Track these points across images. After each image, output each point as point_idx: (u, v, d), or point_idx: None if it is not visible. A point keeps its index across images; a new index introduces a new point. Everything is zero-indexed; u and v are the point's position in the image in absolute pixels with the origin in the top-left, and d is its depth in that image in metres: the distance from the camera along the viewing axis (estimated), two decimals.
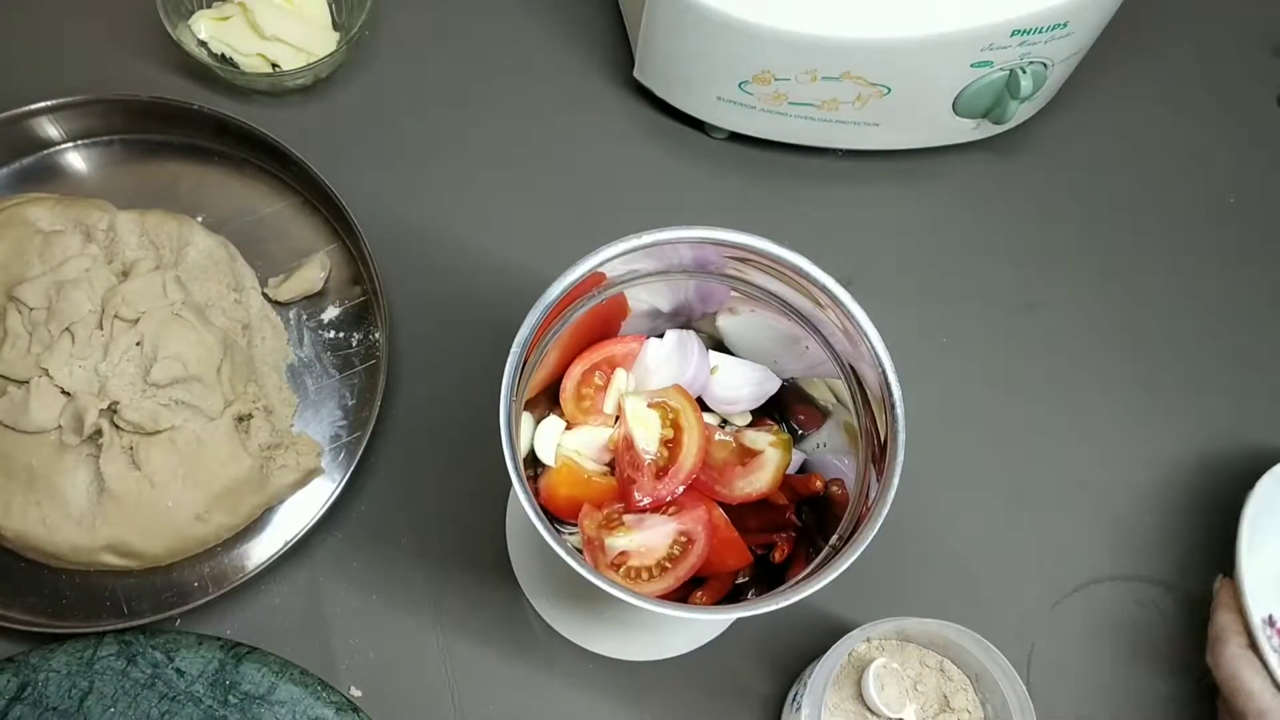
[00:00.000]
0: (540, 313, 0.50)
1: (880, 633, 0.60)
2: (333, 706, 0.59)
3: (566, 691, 0.64)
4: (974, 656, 0.58)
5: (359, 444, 0.65)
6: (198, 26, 0.75)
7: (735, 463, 0.58)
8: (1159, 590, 0.69)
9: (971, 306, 0.76)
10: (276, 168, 0.73)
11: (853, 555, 0.48)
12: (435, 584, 0.65)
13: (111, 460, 0.60)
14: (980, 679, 0.59)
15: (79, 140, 0.72)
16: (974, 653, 0.58)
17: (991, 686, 0.58)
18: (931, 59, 0.68)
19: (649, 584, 0.54)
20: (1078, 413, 0.74)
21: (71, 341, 0.61)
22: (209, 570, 0.64)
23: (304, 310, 0.70)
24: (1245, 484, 0.64)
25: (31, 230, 0.65)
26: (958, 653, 0.59)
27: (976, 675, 0.59)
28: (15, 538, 0.61)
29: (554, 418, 0.59)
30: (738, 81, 0.70)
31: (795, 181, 0.78)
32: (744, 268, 0.55)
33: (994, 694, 0.58)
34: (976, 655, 0.57)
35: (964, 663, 0.60)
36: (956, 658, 0.60)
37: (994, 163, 0.80)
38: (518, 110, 0.79)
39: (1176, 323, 0.77)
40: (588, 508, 0.56)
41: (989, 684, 0.58)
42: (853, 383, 0.55)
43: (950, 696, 0.59)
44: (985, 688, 0.59)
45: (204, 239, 0.68)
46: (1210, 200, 0.81)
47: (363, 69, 0.78)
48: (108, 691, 0.58)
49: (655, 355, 0.59)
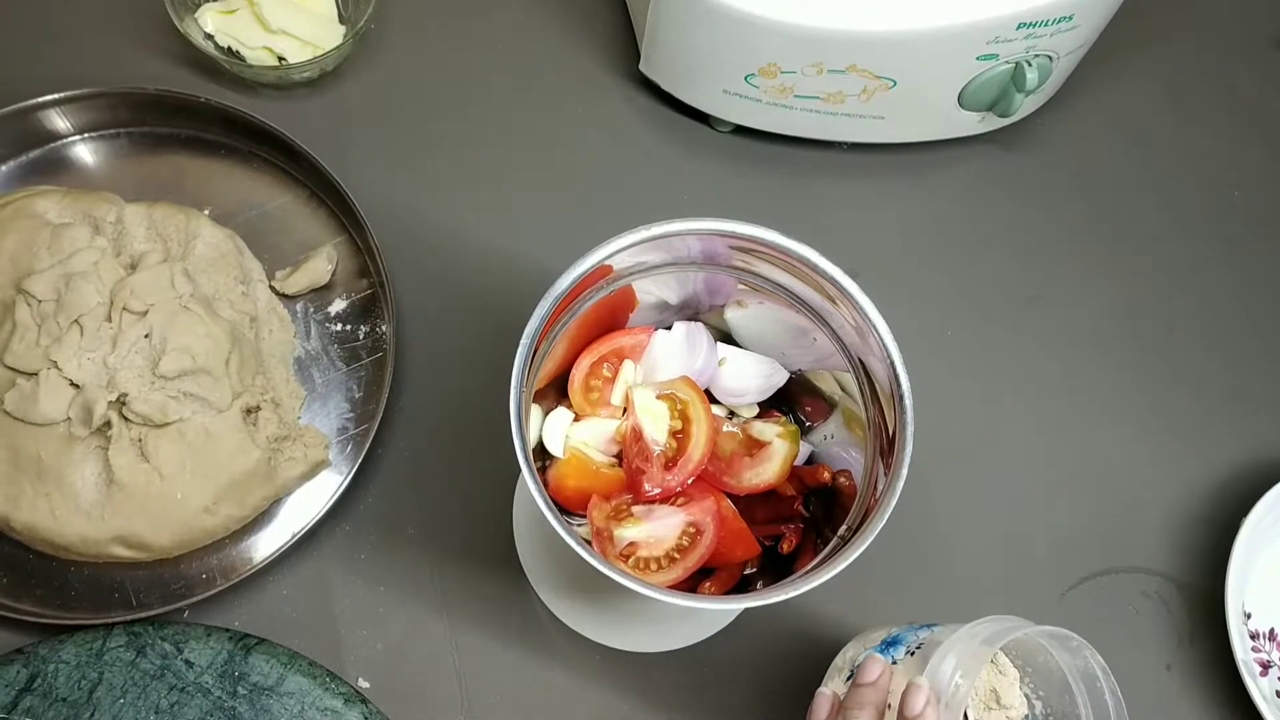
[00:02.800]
0: (549, 304, 0.50)
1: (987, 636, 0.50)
2: (341, 697, 0.59)
3: (574, 683, 0.64)
4: (1040, 652, 0.54)
5: (366, 436, 0.65)
6: (204, 20, 0.75)
7: (743, 454, 0.58)
8: (1164, 582, 0.69)
9: (976, 299, 0.76)
10: (283, 161, 0.73)
11: (861, 546, 0.48)
12: (442, 576, 0.65)
13: (120, 452, 0.61)
14: (1035, 673, 0.56)
15: (86, 133, 0.73)
16: (1059, 657, 0.53)
17: (1050, 684, 0.54)
18: (937, 52, 0.68)
19: (658, 575, 0.54)
20: (1083, 404, 0.74)
21: (80, 334, 0.61)
22: (217, 562, 0.64)
23: (311, 303, 0.70)
24: (1248, 474, 0.64)
25: (40, 223, 0.65)
26: (1018, 645, 0.55)
27: (1028, 668, 0.56)
28: (25, 529, 0.61)
29: (562, 409, 0.59)
30: (744, 75, 0.70)
31: (800, 175, 0.78)
32: (752, 260, 0.55)
33: (1050, 690, 0.55)
34: (1060, 657, 0.53)
35: (1021, 655, 0.56)
36: (1013, 648, 0.56)
37: (999, 156, 0.80)
38: (524, 103, 0.79)
39: (1180, 316, 0.77)
40: (596, 499, 0.56)
41: (1045, 679, 0.55)
42: (861, 375, 0.55)
43: (1001, 692, 0.56)
44: (1039, 682, 0.56)
45: (211, 232, 0.68)
46: (1214, 194, 0.81)
47: (369, 62, 0.78)
48: (117, 683, 0.59)
49: (663, 347, 0.59)
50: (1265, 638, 0.68)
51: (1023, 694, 0.57)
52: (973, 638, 0.50)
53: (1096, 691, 0.52)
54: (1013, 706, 0.56)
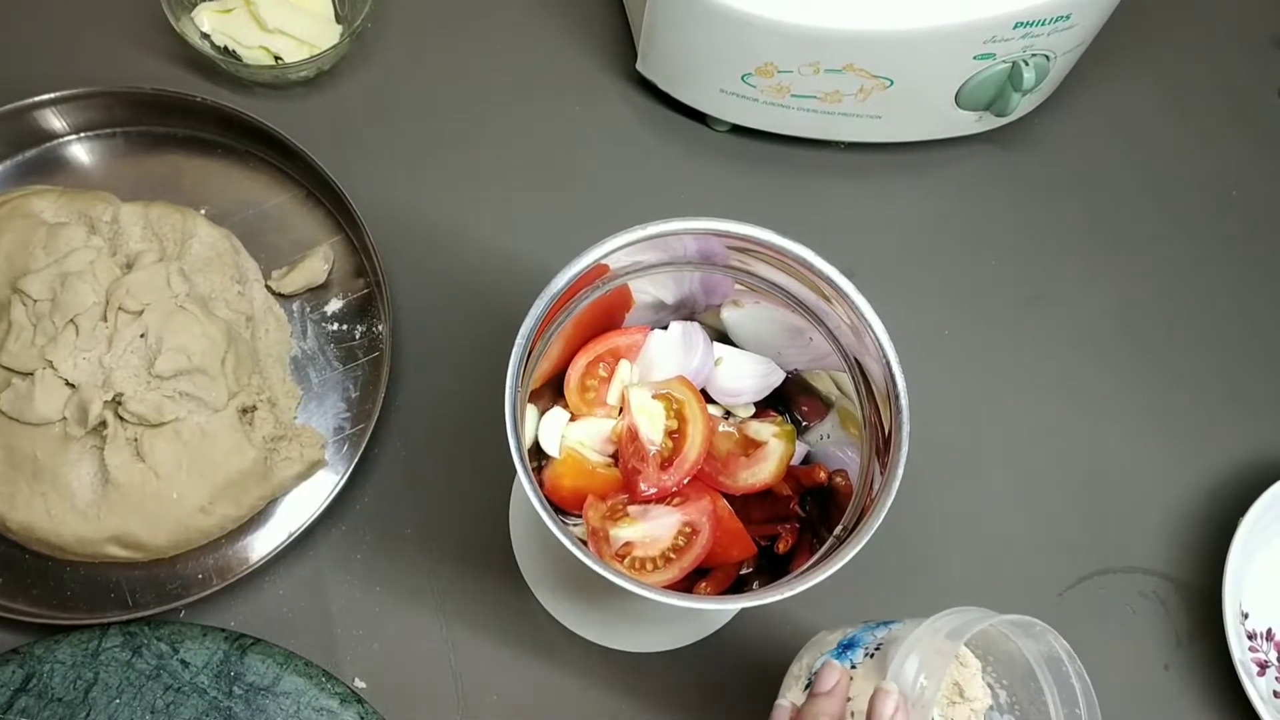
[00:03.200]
0: (545, 304, 0.50)
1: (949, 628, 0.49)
2: (337, 697, 0.59)
3: (570, 682, 0.64)
4: (1001, 640, 0.53)
5: (362, 436, 0.65)
6: (201, 19, 0.75)
7: (739, 454, 0.58)
8: (1161, 582, 0.69)
9: (974, 299, 0.76)
10: (280, 160, 0.73)
11: (857, 546, 0.48)
12: (439, 576, 0.65)
13: (116, 452, 0.60)
14: (997, 662, 0.54)
15: (83, 133, 0.73)
16: (1022, 644, 0.52)
17: (1013, 672, 0.53)
18: (934, 51, 0.68)
19: (653, 575, 0.54)
20: (1079, 404, 0.74)
21: (76, 333, 0.61)
22: (213, 562, 0.64)
23: (307, 303, 0.70)
24: (1245, 474, 0.64)
25: (36, 222, 0.65)
26: (980, 635, 0.53)
27: (989, 656, 0.55)
28: (21, 529, 0.61)
29: (558, 409, 0.59)
30: (741, 74, 0.70)
31: (797, 174, 0.78)
32: (748, 259, 0.55)
33: (1013, 678, 0.54)
34: (1023, 644, 0.52)
35: (982, 645, 0.55)
36: (974, 638, 0.54)
37: (996, 155, 0.80)
38: (520, 102, 0.79)
39: (1179, 316, 0.77)
40: (592, 499, 0.56)
41: (1008, 668, 0.54)
42: (857, 375, 0.55)
43: (964, 685, 0.55)
44: (1001, 671, 0.54)
45: (207, 231, 0.68)
46: (1212, 194, 0.81)
47: (365, 62, 0.78)
48: (113, 683, 0.59)
49: (660, 347, 0.59)
50: (1262, 638, 0.68)
51: (985, 684, 0.55)
52: (935, 634, 0.48)
53: (1062, 676, 0.50)
54: (976, 698, 0.55)
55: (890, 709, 0.45)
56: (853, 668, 0.51)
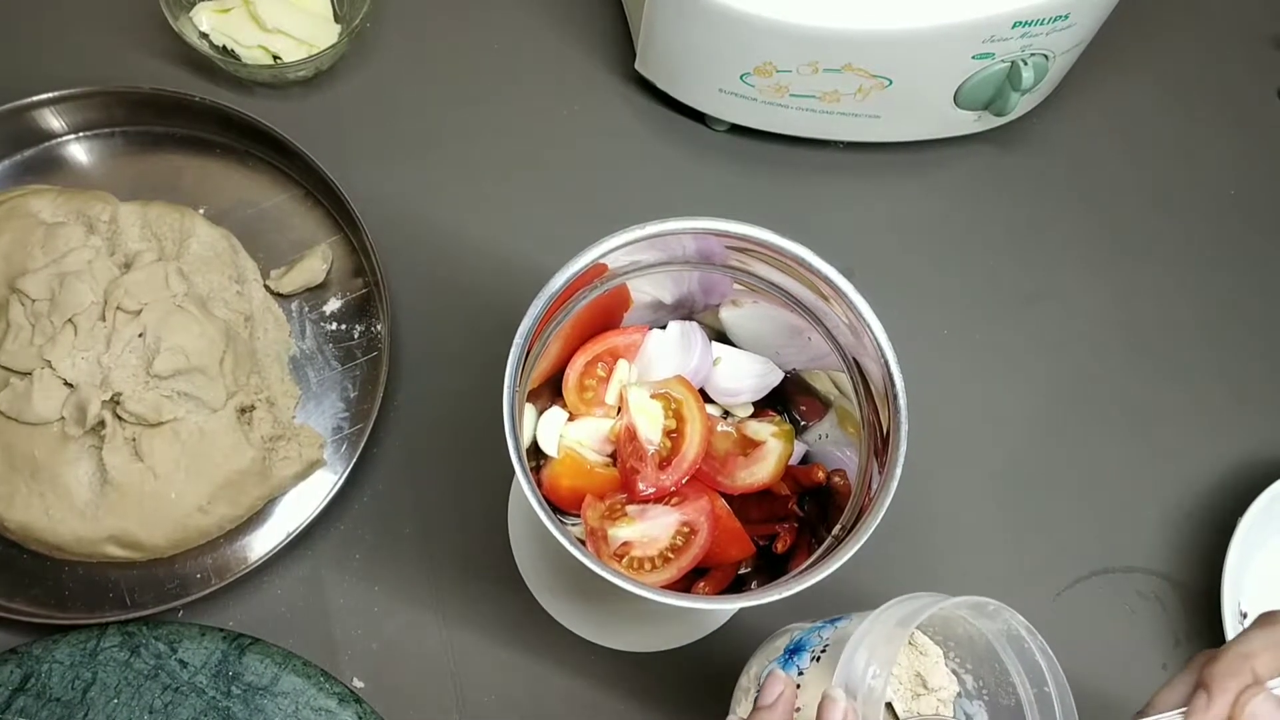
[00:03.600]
0: (543, 304, 0.50)
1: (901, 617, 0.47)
2: (335, 697, 0.59)
3: (568, 682, 0.64)
4: (958, 623, 0.51)
5: (361, 436, 0.65)
6: (199, 18, 0.75)
7: (738, 453, 0.58)
8: (1160, 581, 0.69)
9: (972, 299, 0.76)
10: (278, 160, 0.73)
11: (855, 545, 0.48)
12: (437, 575, 0.65)
13: (114, 451, 0.60)
14: (959, 647, 0.53)
15: (81, 132, 0.72)
16: (980, 625, 0.50)
17: (975, 655, 0.52)
18: (933, 50, 0.68)
19: (652, 574, 0.54)
20: (1077, 404, 0.74)
21: (74, 333, 0.61)
22: (212, 562, 0.64)
23: (306, 302, 0.70)
24: (1244, 473, 0.64)
25: (34, 222, 0.65)
26: (936, 621, 0.53)
27: (949, 643, 0.53)
28: (19, 529, 0.61)
29: (557, 409, 0.59)
30: (739, 73, 0.70)
31: (796, 174, 0.78)
32: (747, 259, 0.55)
33: (976, 662, 0.52)
34: (981, 625, 0.50)
35: (940, 630, 0.54)
36: (931, 625, 0.54)
37: (995, 155, 0.80)
38: (519, 102, 0.79)
39: (1177, 315, 0.77)
40: (590, 498, 0.56)
41: (969, 651, 0.52)
42: (855, 375, 0.55)
43: (926, 674, 0.53)
44: (964, 656, 0.53)
45: (206, 231, 0.68)
46: (1210, 193, 0.81)
47: (364, 61, 0.78)
48: (111, 682, 0.59)
49: (658, 346, 0.59)
50: None
51: (949, 671, 0.54)
52: (883, 624, 0.46)
53: (1026, 653, 0.48)
54: (942, 686, 0.53)
55: (838, 718, 0.43)
56: (800, 674, 0.49)
